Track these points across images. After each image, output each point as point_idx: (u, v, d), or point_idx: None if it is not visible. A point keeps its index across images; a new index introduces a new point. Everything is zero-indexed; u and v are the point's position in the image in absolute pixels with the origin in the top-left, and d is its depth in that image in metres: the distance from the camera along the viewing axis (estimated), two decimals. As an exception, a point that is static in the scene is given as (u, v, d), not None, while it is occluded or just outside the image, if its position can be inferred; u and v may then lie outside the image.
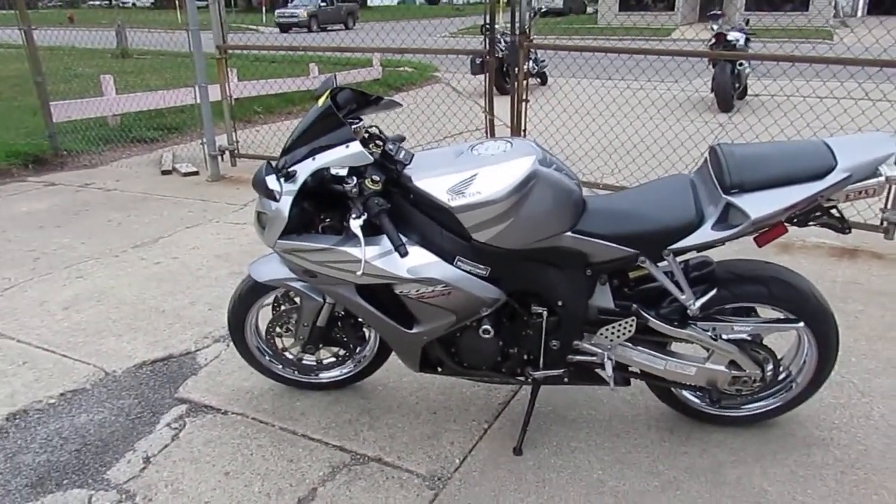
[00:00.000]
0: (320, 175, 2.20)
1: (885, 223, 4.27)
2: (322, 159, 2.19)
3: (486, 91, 5.49)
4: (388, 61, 13.54)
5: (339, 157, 2.16)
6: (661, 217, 2.22)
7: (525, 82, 5.21)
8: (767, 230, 2.21)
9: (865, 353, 3.11)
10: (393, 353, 2.62)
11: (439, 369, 2.55)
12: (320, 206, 2.33)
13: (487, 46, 5.30)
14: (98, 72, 8.76)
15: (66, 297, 3.88)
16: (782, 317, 2.37)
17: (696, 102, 9.41)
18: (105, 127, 8.08)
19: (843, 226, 2.22)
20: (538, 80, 11.91)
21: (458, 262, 2.24)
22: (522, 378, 2.51)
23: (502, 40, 8.02)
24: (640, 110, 6.03)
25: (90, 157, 7.32)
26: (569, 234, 2.22)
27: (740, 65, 9.07)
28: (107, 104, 7.88)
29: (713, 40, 9.28)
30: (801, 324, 2.34)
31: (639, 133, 5.87)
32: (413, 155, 2.30)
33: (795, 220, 2.21)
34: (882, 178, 2.09)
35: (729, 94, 8.90)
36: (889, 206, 4.23)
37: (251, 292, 2.69)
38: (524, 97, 5.20)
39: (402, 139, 2.39)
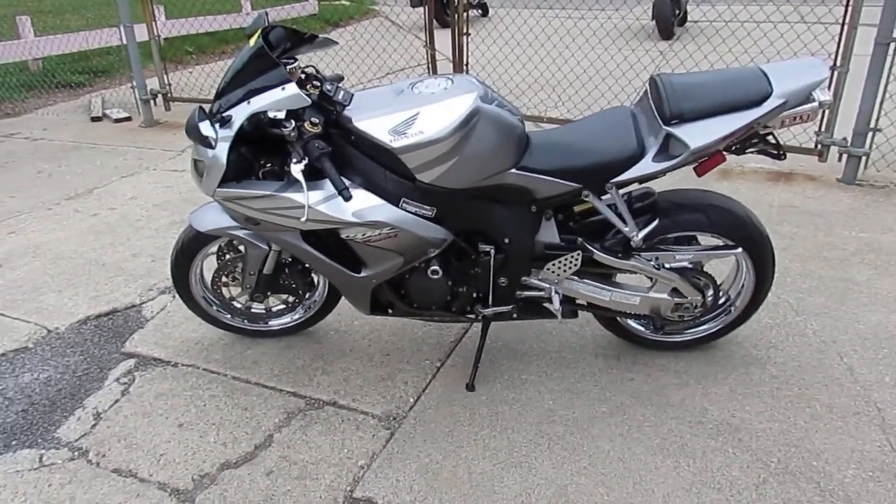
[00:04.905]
0: (257, 119, 2.13)
1: (819, 146, 4.39)
2: (257, 103, 2.11)
3: (426, 24, 5.36)
4: (325, -6, 13.03)
5: (275, 99, 2.09)
6: (603, 150, 2.22)
7: (465, 14, 5.09)
8: (707, 159, 2.25)
9: (799, 273, 3.24)
10: (343, 297, 2.61)
11: (390, 311, 2.56)
12: (259, 152, 2.26)
13: (425, -23, 5.14)
14: (12, 12, 8.22)
15: (-1, 254, 3.73)
16: (721, 243, 2.44)
17: (637, 31, 9.37)
18: (26, 72, 7.64)
19: (779, 152, 2.27)
20: (479, 11, 11.65)
21: (404, 204, 2.21)
22: (472, 316, 2.54)
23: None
24: (582, 41, 5.98)
25: (12, 104, 6.94)
26: (513, 170, 2.22)
27: (680, -10, 9.05)
28: (25, 47, 7.42)
29: (653, -35, 9.19)
30: (740, 249, 2.41)
31: (581, 64, 5.84)
32: (352, 95, 2.24)
33: (734, 149, 2.25)
34: (816, 104, 2.13)
35: (669, 21, 8.89)
36: (822, 129, 4.35)
37: (193, 242, 2.62)
38: (465, 30, 5.10)
39: (341, 79, 2.32)
